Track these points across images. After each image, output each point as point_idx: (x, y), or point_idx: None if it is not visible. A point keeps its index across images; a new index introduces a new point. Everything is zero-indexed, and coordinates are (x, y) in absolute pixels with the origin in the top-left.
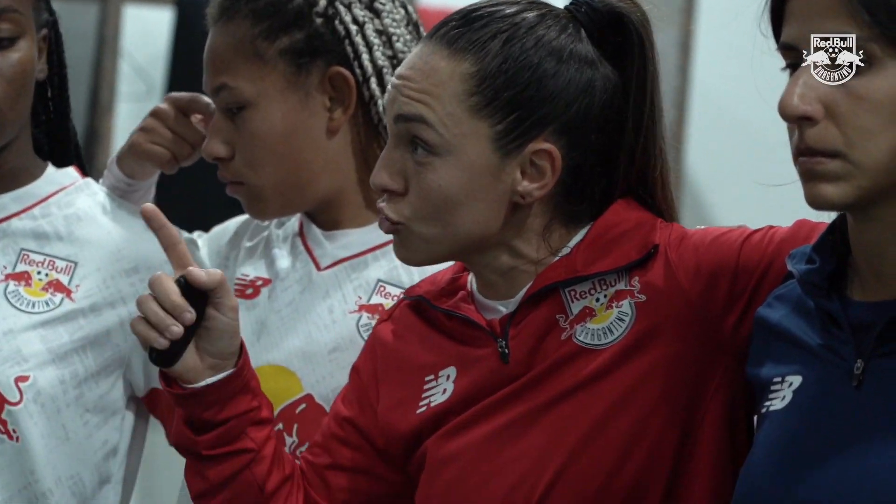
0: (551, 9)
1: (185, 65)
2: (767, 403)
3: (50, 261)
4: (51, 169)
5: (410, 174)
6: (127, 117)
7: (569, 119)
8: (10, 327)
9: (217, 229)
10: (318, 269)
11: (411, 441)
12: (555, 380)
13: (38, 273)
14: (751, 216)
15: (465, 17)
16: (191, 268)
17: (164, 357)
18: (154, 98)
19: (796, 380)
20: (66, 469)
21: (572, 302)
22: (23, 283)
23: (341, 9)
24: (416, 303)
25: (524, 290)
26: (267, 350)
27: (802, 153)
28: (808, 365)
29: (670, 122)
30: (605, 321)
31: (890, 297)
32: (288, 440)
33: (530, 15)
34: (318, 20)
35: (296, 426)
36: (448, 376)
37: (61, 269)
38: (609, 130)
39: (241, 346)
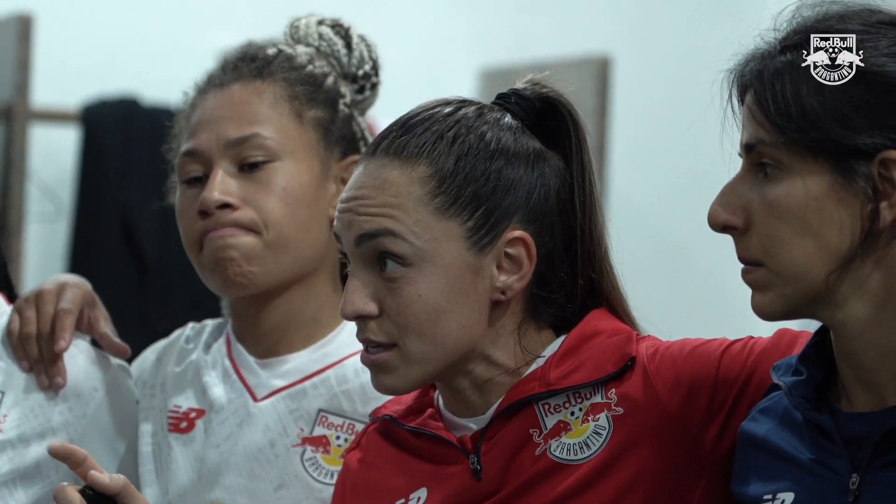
0: (485, 104)
1: (92, 184)
2: None
3: None
4: None
5: (384, 293)
6: (36, 239)
7: (533, 206)
8: None
9: (138, 359)
10: (255, 399)
11: None
12: (530, 497)
13: None
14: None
15: (403, 126)
16: (92, 472)
17: None
18: (62, 218)
19: (788, 497)
20: None
21: (546, 416)
22: None
23: (355, 112)
24: (384, 424)
25: (496, 404)
26: (209, 488)
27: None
28: (799, 481)
29: None
30: (582, 435)
31: (879, 406)
32: None
33: (469, 111)
34: (344, 110)
35: None
36: (419, 498)
37: None
38: (566, 213)
39: None
